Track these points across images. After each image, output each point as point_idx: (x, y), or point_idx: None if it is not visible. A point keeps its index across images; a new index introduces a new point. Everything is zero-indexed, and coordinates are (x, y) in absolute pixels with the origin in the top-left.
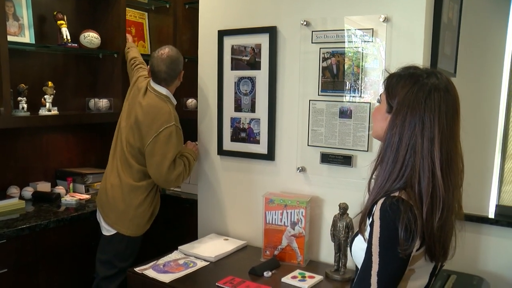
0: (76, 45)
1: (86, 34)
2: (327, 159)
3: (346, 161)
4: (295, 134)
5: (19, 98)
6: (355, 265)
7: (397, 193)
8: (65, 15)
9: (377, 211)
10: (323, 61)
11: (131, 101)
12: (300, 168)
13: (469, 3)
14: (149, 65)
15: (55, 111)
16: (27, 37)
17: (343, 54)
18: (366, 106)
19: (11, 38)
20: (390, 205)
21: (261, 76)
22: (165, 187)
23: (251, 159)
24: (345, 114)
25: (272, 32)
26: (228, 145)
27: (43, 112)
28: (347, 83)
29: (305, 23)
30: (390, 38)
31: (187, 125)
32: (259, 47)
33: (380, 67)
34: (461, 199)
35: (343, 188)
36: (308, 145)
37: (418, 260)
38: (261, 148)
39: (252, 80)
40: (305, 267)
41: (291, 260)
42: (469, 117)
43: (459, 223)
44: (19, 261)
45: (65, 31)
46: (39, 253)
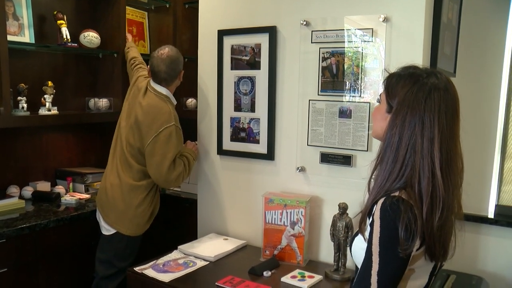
0: (76, 44)
1: (86, 33)
2: (326, 159)
3: (345, 161)
4: (295, 134)
5: (19, 97)
6: (355, 264)
7: (397, 193)
8: (65, 15)
9: (377, 210)
10: (322, 61)
11: (131, 101)
12: (299, 168)
13: (468, 3)
14: (149, 65)
15: (55, 111)
16: (27, 37)
17: (343, 54)
18: (365, 106)
19: (11, 37)
20: (390, 204)
21: (261, 75)
22: (165, 187)
23: (251, 159)
24: (345, 114)
25: (272, 32)
26: (227, 144)
27: (43, 111)
28: (347, 83)
29: (305, 23)
30: (389, 38)
31: (187, 124)
32: (259, 47)
33: (379, 67)
34: (460, 199)
35: (342, 188)
36: (307, 145)
37: (418, 259)
38: (261, 147)
39: (252, 79)
40: (305, 267)
41: (291, 259)
42: (469, 117)
43: (458, 223)
44: (19, 261)
45: (65, 31)
46: (39, 252)
